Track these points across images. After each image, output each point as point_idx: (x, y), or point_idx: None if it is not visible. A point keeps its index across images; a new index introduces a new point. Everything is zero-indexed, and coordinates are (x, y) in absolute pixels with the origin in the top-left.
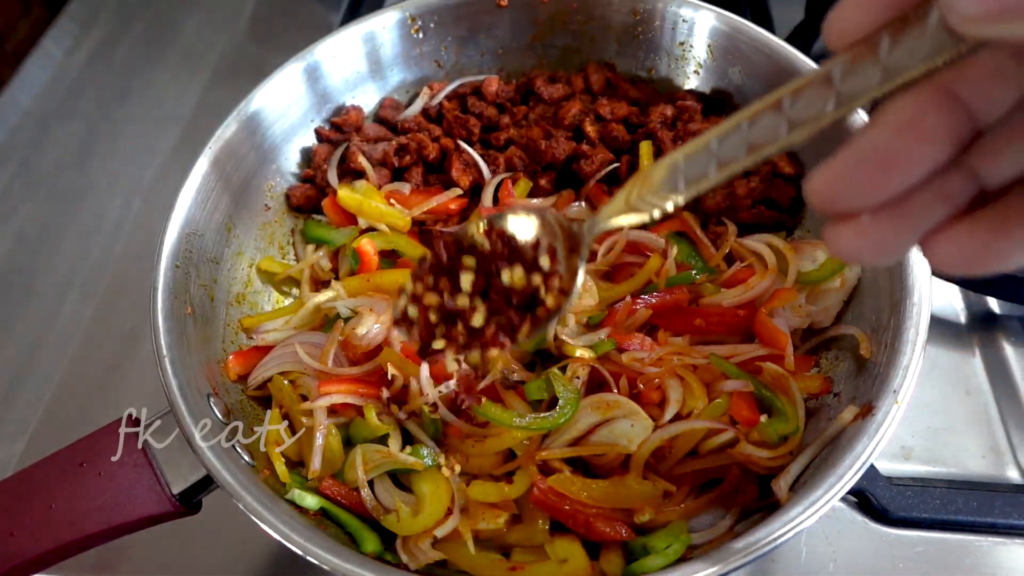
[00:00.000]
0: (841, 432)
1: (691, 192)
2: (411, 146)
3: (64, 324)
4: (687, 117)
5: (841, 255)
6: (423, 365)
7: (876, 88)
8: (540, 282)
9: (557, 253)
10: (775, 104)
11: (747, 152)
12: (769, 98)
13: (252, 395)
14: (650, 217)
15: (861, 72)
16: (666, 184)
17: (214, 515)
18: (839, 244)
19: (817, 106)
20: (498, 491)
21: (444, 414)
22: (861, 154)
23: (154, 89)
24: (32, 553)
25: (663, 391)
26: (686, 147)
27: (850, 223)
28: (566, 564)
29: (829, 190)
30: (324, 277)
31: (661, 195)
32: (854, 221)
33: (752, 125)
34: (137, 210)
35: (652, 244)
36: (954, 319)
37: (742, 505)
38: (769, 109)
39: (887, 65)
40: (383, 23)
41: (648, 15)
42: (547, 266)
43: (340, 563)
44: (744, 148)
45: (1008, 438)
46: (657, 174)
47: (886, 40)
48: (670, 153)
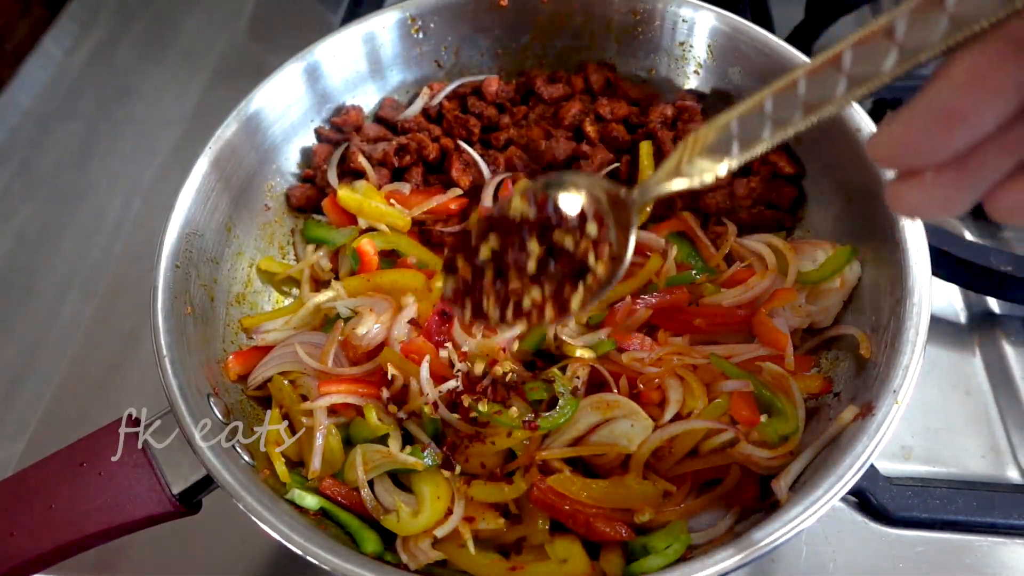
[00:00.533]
0: (841, 432)
1: (744, 156)
2: (411, 146)
3: (64, 324)
4: (687, 117)
5: (903, 212)
6: (423, 365)
7: (941, 41)
8: (590, 248)
9: (605, 220)
10: (834, 59)
11: (803, 113)
12: (828, 53)
13: (252, 395)
14: (700, 182)
15: (926, 23)
16: (718, 147)
17: (214, 515)
18: (903, 201)
19: (878, 61)
20: (498, 491)
21: (444, 414)
22: (928, 110)
23: (154, 89)
24: (32, 553)
25: (663, 391)
26: (739, 107)
27: (914, 180)
28: (566, 564)
29: (895, 147)
30: (324, 277)
31: (714, 158)
32: (918, 178)
33: (809, 82)
34: (137, 210)
35: (652, 244)
36: (954, 319)
37: (742, 505)
38: (827, 65)
39: (954, 15)
40: (383, 23)
41: (648, 15)
42: (595, 233)
43: (340, 563)
44: (800, 108)
45: (1008, 438)
46: (708, 136)
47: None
48: (722, 113)
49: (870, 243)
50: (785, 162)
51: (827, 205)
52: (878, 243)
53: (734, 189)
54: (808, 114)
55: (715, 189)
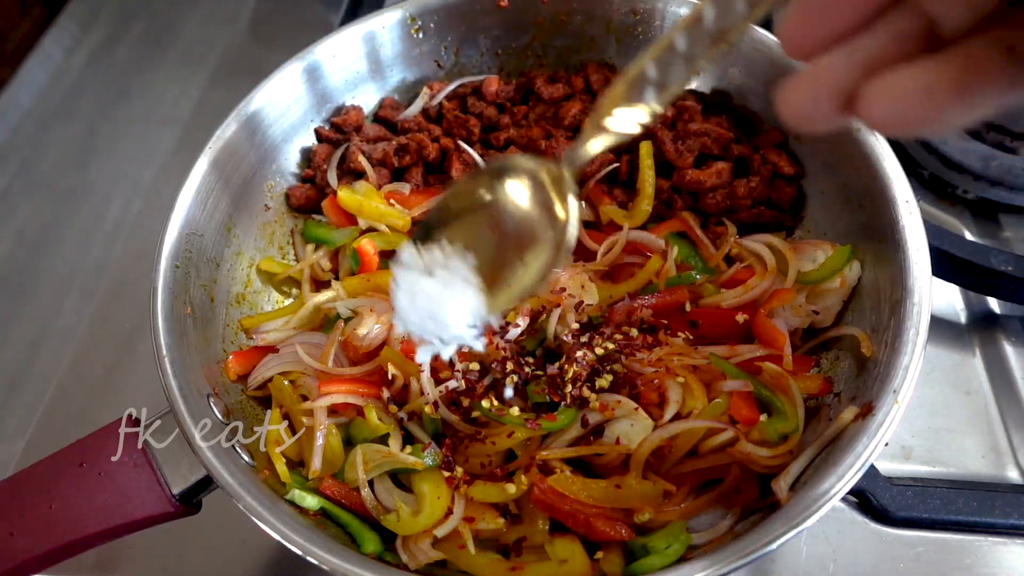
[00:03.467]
0: (841, 432)
1: (662, 99)
2: (411, 146)
3: (64, 324)
4: (687, 117)
5: (795, 111)
6: (423, 364)
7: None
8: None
9: (551, 198)
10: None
11: (711, 42)
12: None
13: (252, 395)
14: (625, 134)
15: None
16: (635, 96)
17: (214, 515)
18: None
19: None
20: (498, 491)
21: (444, 414)
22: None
23: (154, 89)
24: (32, 553)
25: (663, 391)
26: (649, 51)
27: (805, 74)
28: (566, 564)
29: (795, 34)
30: (324, 277)
31: (633, 107)
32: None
33: (717, 9)
34: (137, 210)
35: (652, 245)
36: (954, 319)
37: (742, 505)
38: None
39: None
40: (383, 23)
41: (648, 15)
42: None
43: (340, 563)
44: (707, 39)
45: (1008, 438)
46: (622, 88)
47: None
48: (633, 62)
49: (870, 243)
50: (785, 162)
51: (827, 205)
52: (878, 243)
53: (734, 189)
54: (715, 43)
55: (715, 189)
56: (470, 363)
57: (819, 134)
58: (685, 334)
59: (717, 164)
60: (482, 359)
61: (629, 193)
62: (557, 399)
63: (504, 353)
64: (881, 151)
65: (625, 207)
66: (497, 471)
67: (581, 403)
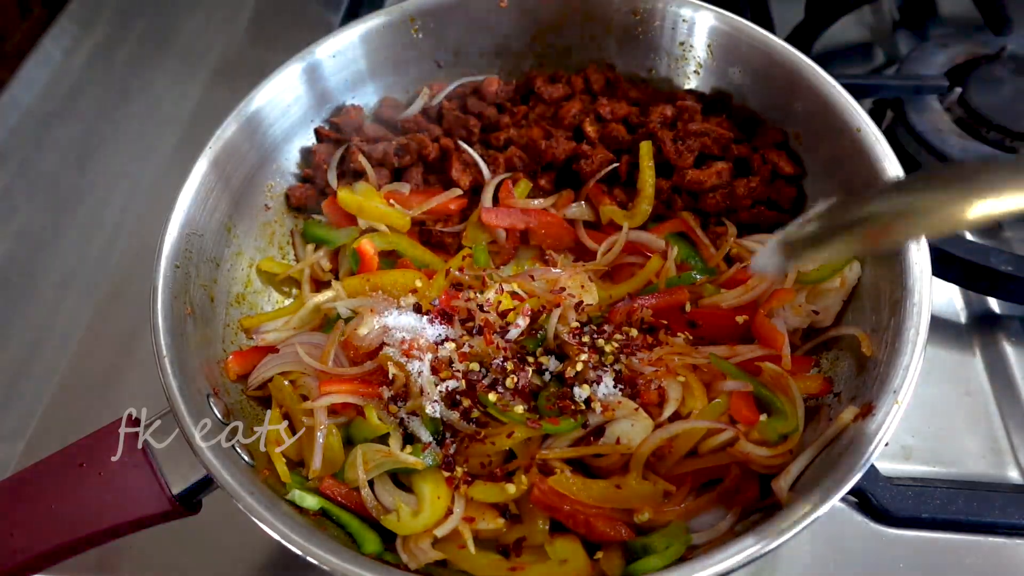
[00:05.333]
0: (841, 432)
1: None
2: (411, 146)
3: (64, 324)
4: (687, 117)
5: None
6: (424, 364)
7: None
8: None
9: None
10: None
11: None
12: None
13: (252, 395)
14: None
15: None
16: None
17: (214, 515)
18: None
19: None
20: (498, 491)
21: (444, 414)
22: None
23: (154, 89)
24: (32, 553)
25: (663, 391)
26: None
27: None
28: (566, 564)
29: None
30: (324, 277)
31: None
32: None
33: None
34: (137, 210)
35: (652, 245)
36: (954, 319)
37: (742, 505)
38: None
39: None
40: (383, 23)
41: (648, 15)
42: None
43: (340, 563)
44: None
45: (1008, 438)
46: None
47: None
48: None
49: None
50: (785, 162)
51: None
52: None
53: (734, 189)
54: None
55: (715, 189)
56: (470, 363)
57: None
58: (685, 334)
59: (717, 164)
60: (482, 359)
61: (629, 193)
62: (567, 409)
63: (504, 353)
64: (881, 151)
65: (625, 207)
66: (497, 471)
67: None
